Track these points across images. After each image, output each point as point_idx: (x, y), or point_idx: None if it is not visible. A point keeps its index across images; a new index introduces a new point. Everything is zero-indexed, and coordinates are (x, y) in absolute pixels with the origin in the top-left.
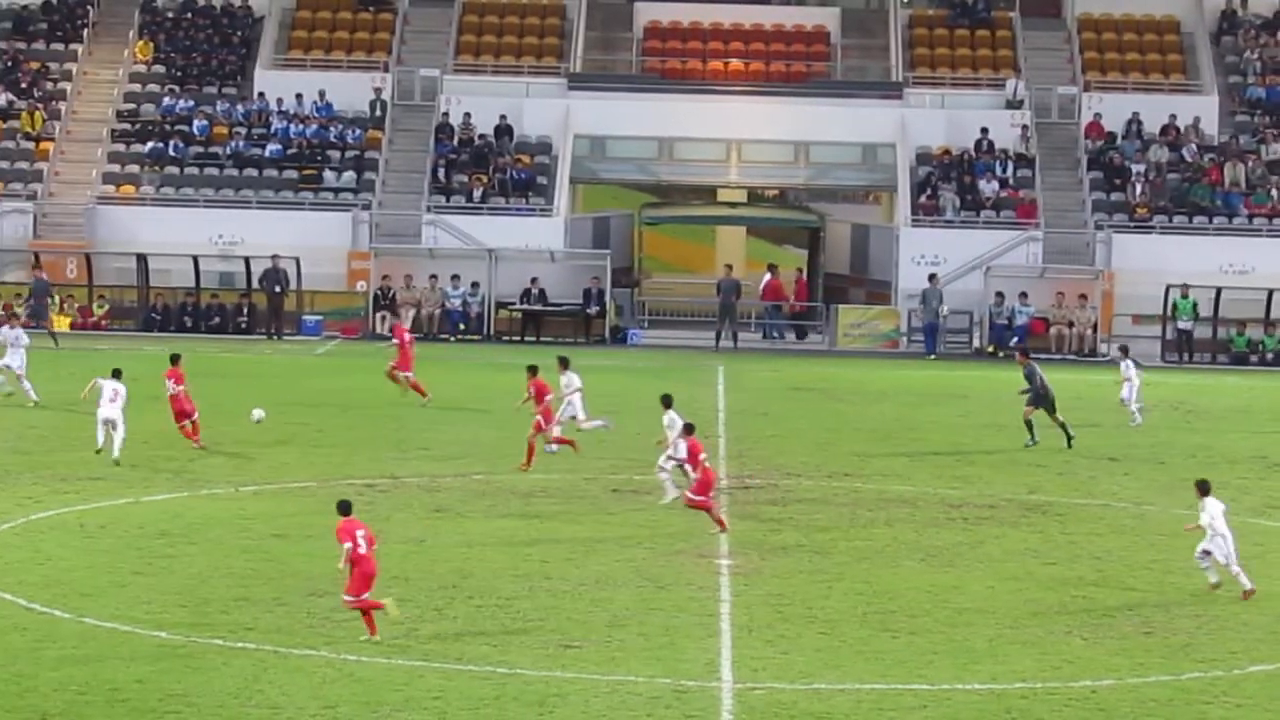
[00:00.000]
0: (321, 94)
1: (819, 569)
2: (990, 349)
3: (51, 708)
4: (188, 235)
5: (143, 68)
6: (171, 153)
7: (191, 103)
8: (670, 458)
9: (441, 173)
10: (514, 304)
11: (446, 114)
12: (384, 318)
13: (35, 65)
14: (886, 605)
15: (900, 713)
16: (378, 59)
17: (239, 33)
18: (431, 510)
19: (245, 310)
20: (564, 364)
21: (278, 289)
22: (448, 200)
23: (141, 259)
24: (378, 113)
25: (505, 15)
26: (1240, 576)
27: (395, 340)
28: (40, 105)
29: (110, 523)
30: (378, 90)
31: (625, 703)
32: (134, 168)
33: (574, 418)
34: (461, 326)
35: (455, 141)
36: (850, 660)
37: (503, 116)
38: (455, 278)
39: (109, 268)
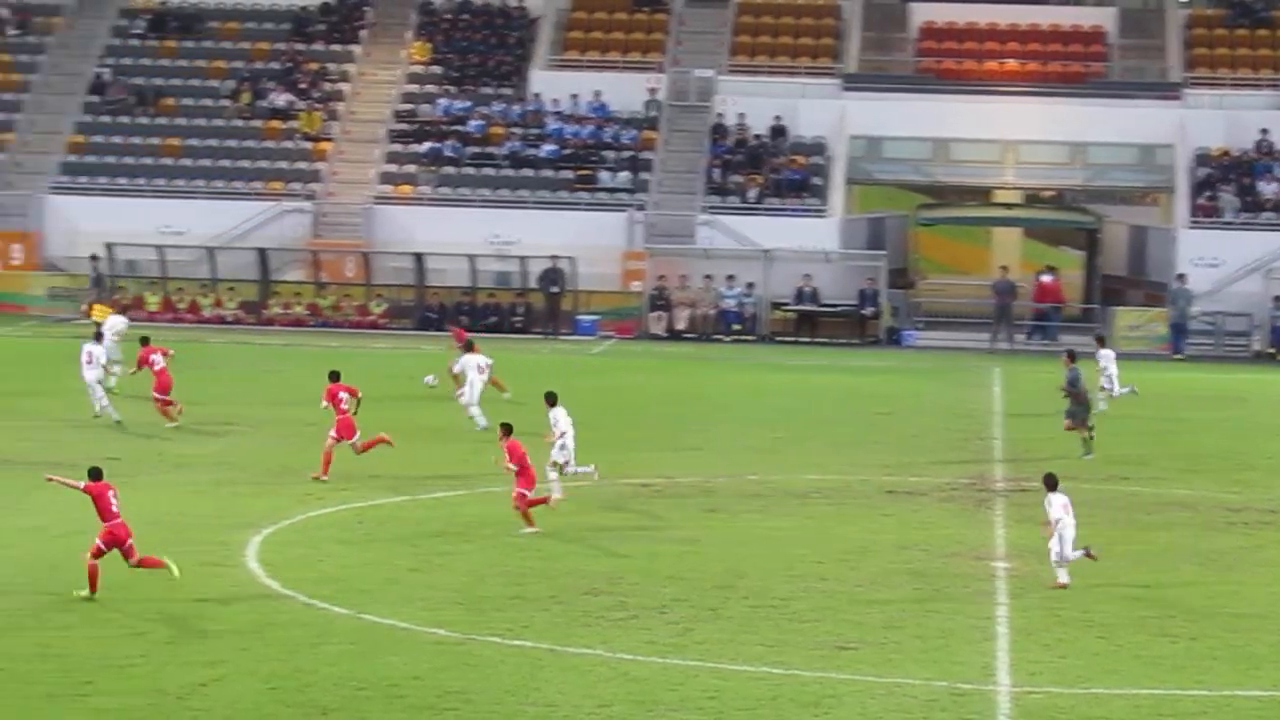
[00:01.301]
0: (597, 94)
1: (1096, 572)
2: (1271, 351)
3: (330, 702)
4: (464, 235)
5: (420, 68)
6: (448, 153)
7: (468, 103)
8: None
9: (716, 173)
10: (788, 304)
11: (721, 115)
12: (659, 317)
13: (314, 66)
14: (1164, 610)
15: (1179, 718)
16: (653, 60)
17: (515, 33)
18: (706, 510)
19: (522, 310)
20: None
21: (554, 289)
22: (722, 201)
23: (418, 258)
24: (652, 113)
25: (780, 15)
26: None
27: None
28: (319, 106)
29: (388, 520)
30: (652, 91)
31: (901, 705)
32: (411, 168)
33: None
34: (736, 327)
35: (730, 142)
36: (1128, 665)
37: (777, 117)
38: (730, 278)
39: (386, 267)
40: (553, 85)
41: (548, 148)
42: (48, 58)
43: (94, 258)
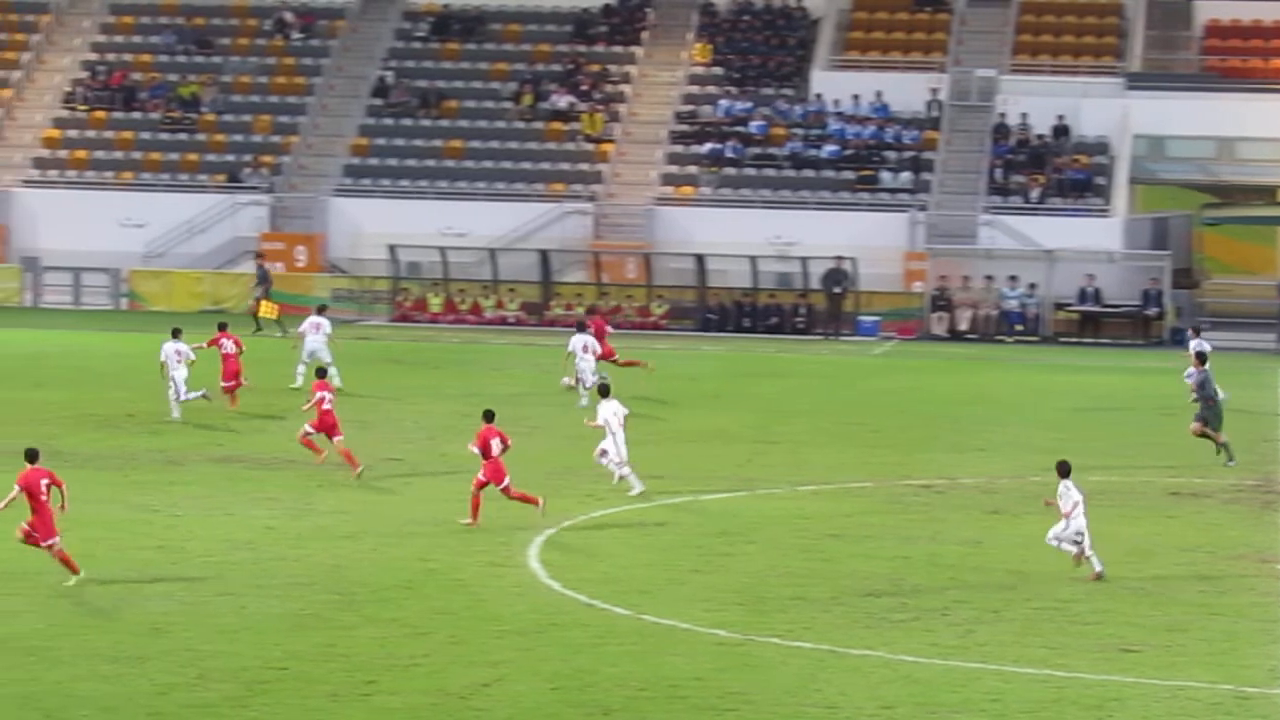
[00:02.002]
0: (878, 95)
1: None
2: None
3: (613, 702)
4: (745, 236)
5: (701, 69)
6: (729, 154)
7: (749, 104)
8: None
9: (998, 173)
10: (1071, 305)
11: (1003, 114)
12: (941, 318)
13: (595, 68)
14: None
15: None
16: (934, 59)
17: (795, 34)
18: (988, 511)
19: (804, 311)
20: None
21: (838, 289)
22: (1004, 201)
23: (699, 259)
24: (934, 113)
25: (1062, 15)
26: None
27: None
28: (600, 107)
29: (669, 521)
30: (934, 91)
31: (1185, 708)
32: (692, 169)
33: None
34: (1018, 327)
35: (1012, 142)
36: None
37: (1060, 116)
38: (1012, 278)
39: (667, 268)
40: (834, 85)
41: (829, 148)
42: (331, 61)
43: (259, 255)
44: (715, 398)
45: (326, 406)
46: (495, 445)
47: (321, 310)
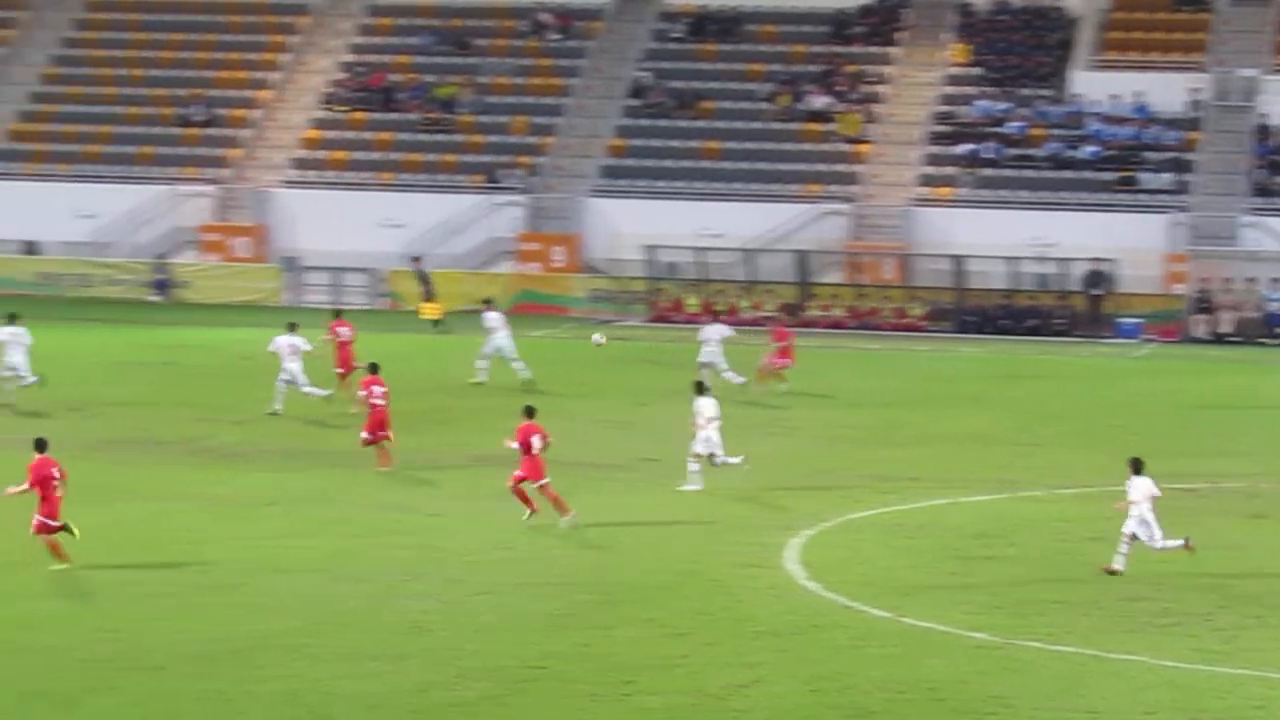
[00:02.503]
0: (1137, 95)
1: None
2: None
3: (872, 705)
4: (1003, 237)
5: (958, 69)
6: (987, 154)
7: (1007, 104)
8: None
9: (1260, 174)
10: None
11: (1265, 115)
12: (1203, 320)
13: (852, 68)
14: None
15: None
16: (1194, 59)
17: (1054, 34)
18: (1251, 516)
19: (1064, 312)
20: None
21: (1098, 291)
22: (1267, 202)
23: (957, 261)
24: (1195, 114)
25: None
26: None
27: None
28: (857, 108)
29: (929, 523)
30: (1194, 91)
31: None
32: (949, 169)
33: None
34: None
35: (1275, 143)
36: None
37: None
38: (1276, 280)
39: (925, 269)
40: (1093, 86)
41: (1088, 149)
42: (588, 61)
43: (415, 259)
44: (974, 400)
45: (379, 402)
46: (536, 442)
47: (488, 303)
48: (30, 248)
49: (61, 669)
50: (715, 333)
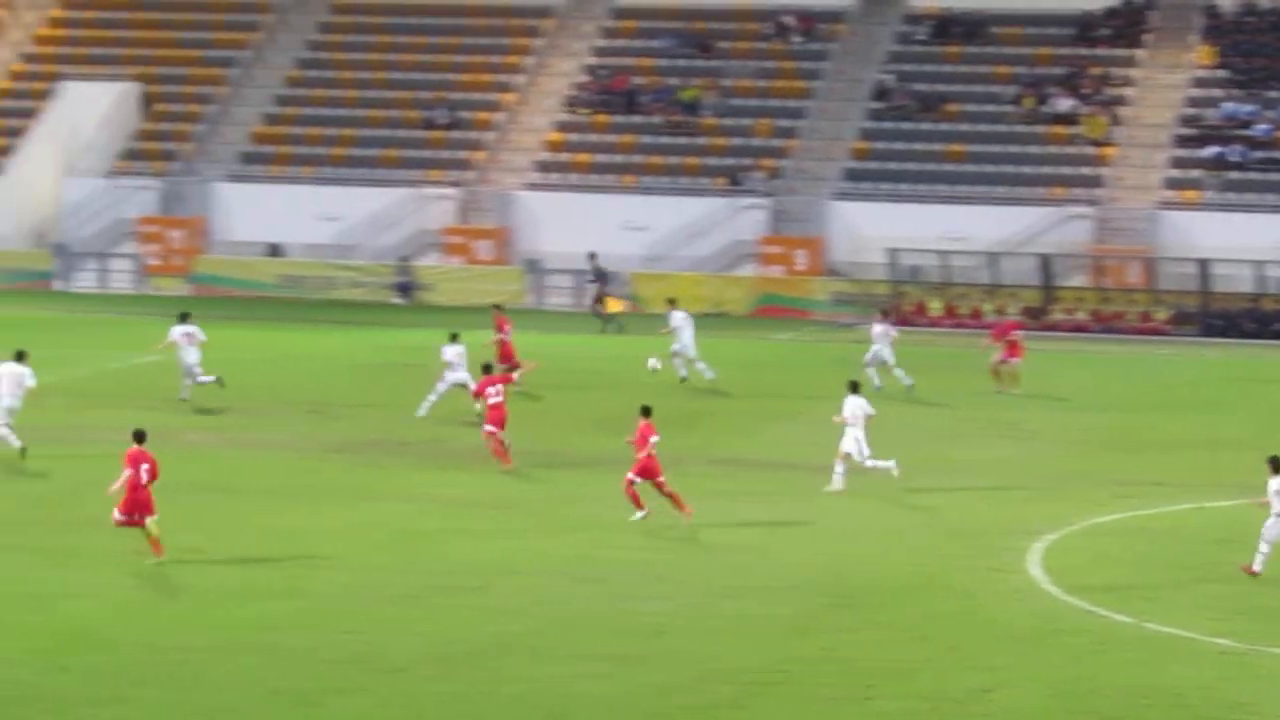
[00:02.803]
0: None
1: None
2: None
3: (1114, 711)
4: (1249, 240)
5: (1204, 71)
6: (1232, 157)
7: (1253, 107)
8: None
9: None
10: None
11: None
12: None
13: (1097, 70)
14: None
15: None
16: None
17: None
18: None
19: None
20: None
21: None
22: None
23: (1202, 265)
24: None
25: None
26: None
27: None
28: (1102, 110)
29: (1172, 528)
30: None
31: None
32: (1195, 172)
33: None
34: None
35: None
36: None
37: None
38: None
39: (1169, 273)
40: None
41: None
42: (831, 64)
43: (592, 255)
44: (1218, 404)
45: (496, 400)
46: (653, 440)
47: (672, 303)
48: (274, 250)
49: (304, 669)
50: (882, 332)
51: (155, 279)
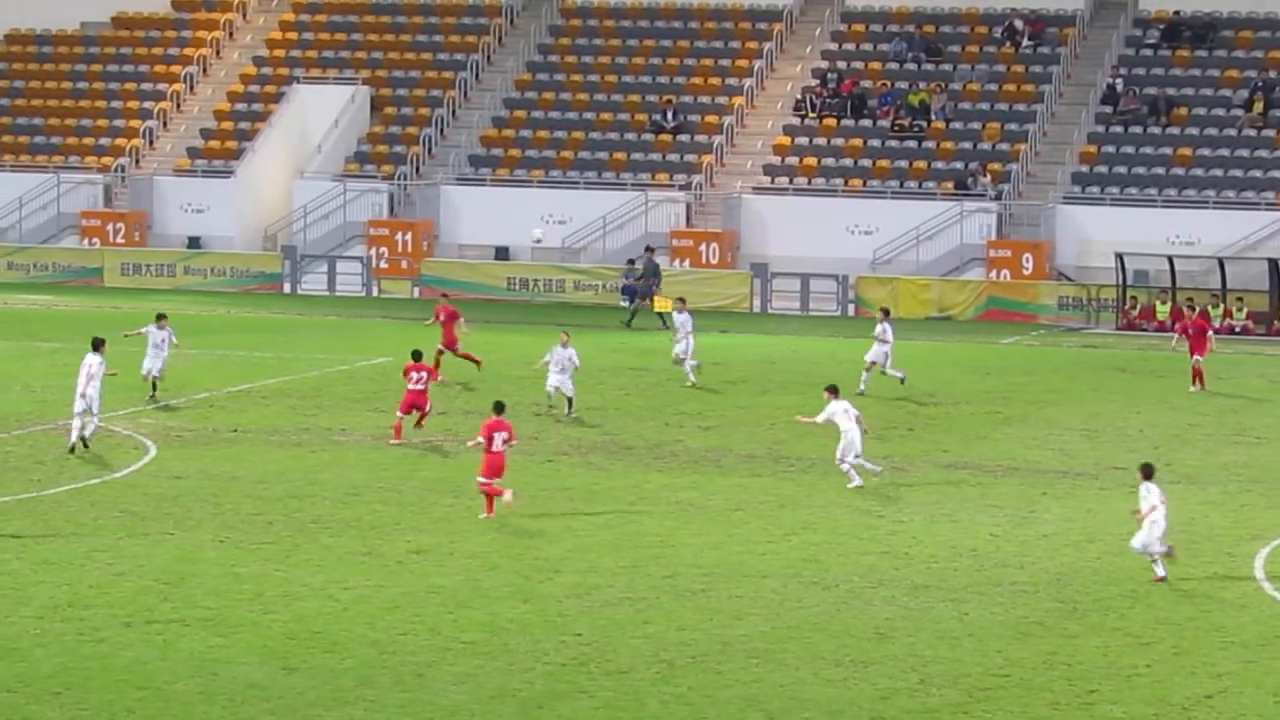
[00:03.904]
0: None
1: None
2: None
3: None
4: None
5: None
6: None
7: None
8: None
9: None
10: None
11: None
12: None
13: None
14: None
15: None
16: None
17: None
18: None
19: None
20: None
21: None
22: None
23: None
24: None
25: None
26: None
27: None
28: None
29: None
30: None
31: None
32: None
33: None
34: None
35: None
36: None
37: None
38: None
39: None
40: None
41: None
42: (1060, 68)
43: (649, 249)
44: None
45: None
46: (498, 439)
47: (681, 302)
48: (502, 253)
49: (528, 672)
50: (882, 332)
51: (383, 281)
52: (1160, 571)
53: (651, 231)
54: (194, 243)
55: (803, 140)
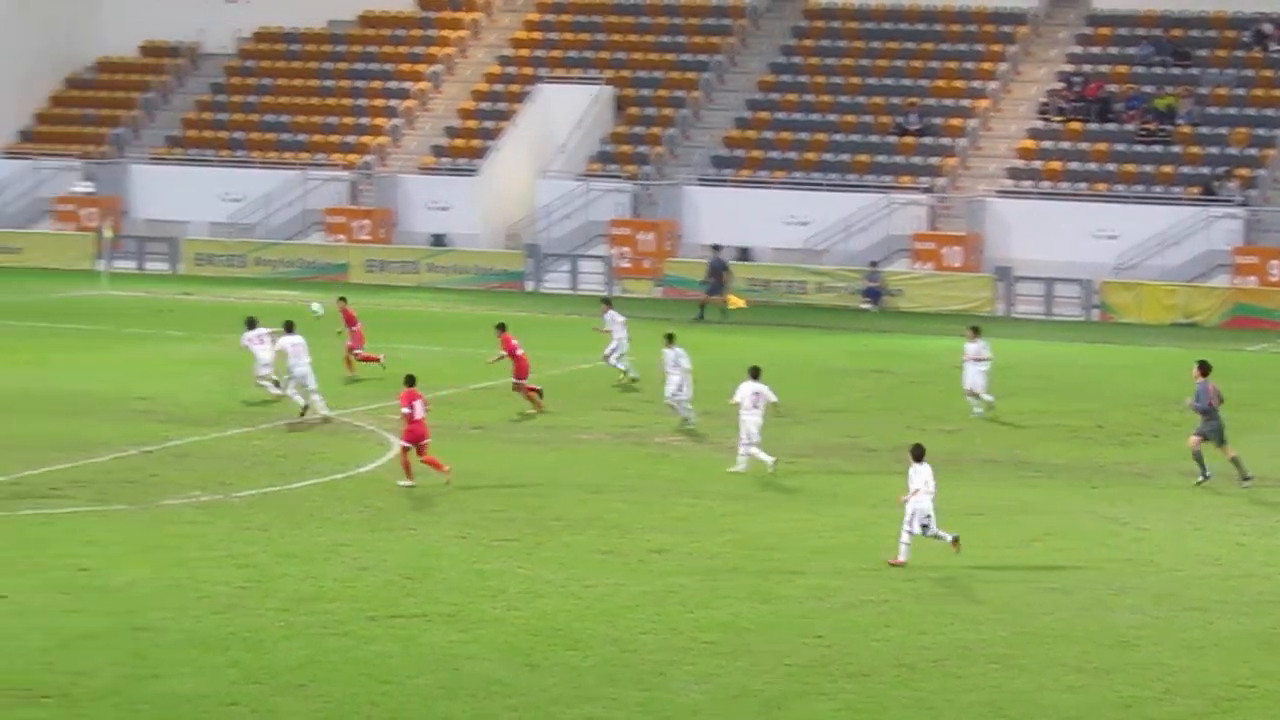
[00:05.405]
0: None
1: None
2: None
3: None
4: None
5: None
6: None
7: None
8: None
9: None
10: None
11: None
12: None
13: None
14: None
15: None
16: None
17: None
18: None
19: None
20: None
21: None
22: None
23: None
24: None
25: None
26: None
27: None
28: None
29: None
30: None
31: None
32: None
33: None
34: None
35: None
36: None
37: None
38: None
39: None
40: None
41: None
42: None
43: (715, 247)
44: None
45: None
46: (419, 407)
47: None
48: (744, 254)
49: (769, 672)
50: (977, 350)
51: (625, 281)
52: (903, 556)
53: (893, 234)
54: (438, 240)
55: (1047, 143)
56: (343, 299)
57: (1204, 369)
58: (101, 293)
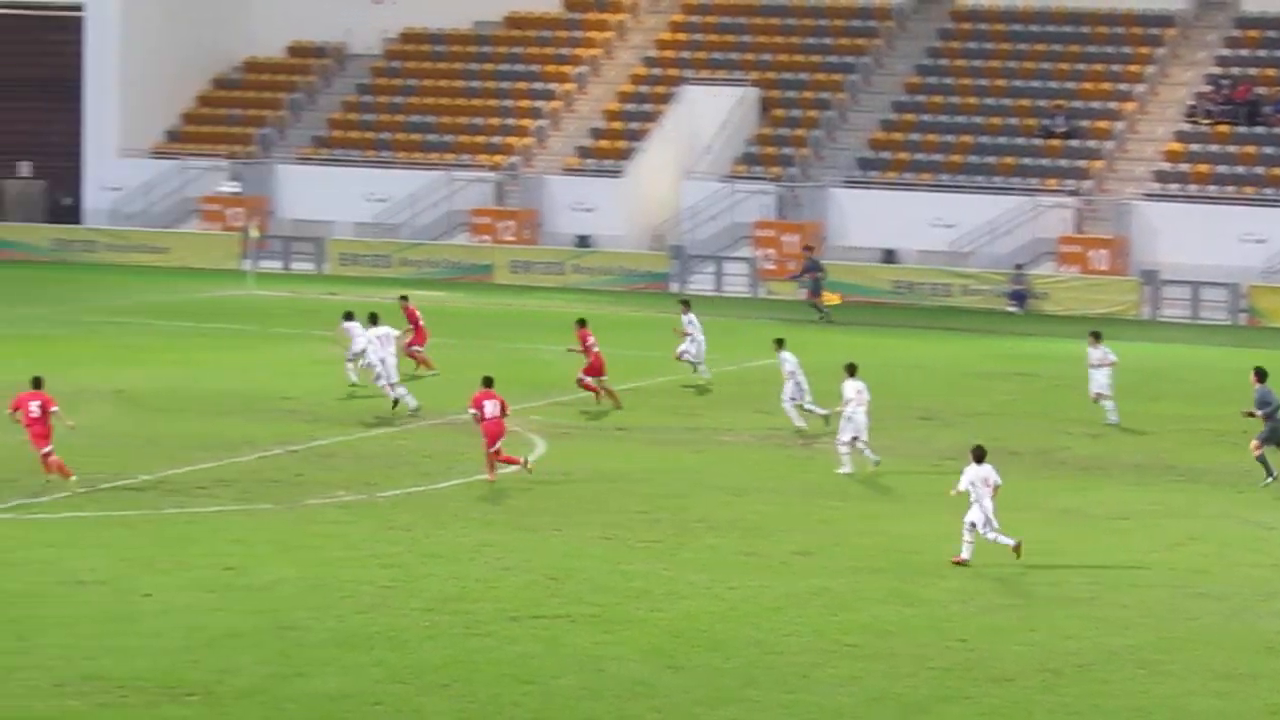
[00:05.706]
0: None
1: None
2: None
3: None
4: None
5: None
6: None
7: None
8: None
9: None
10: None
11: None
12: None
13: None
14: None
15: None
16: None
17: None
18: None
19: None
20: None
21: None
22: None
23: None
24: None
25: None
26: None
27: None
28: None
29: None
30: None
31: None
32: None
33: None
34: None
35: None
36: None
37: None
38: None
39: None
40: None
41: None
42: None
43: (808, 248)
44: None
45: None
46: (489, 406)
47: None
48: (889, 256)
49: (912, 676)
50: (1100, 356)
51: (769, 283)
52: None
53: (1039, 237)
54: (583, 241)
55: (1195, 146)
56: (404, 298)
57: (1260, 375)
58: (247, 292)
